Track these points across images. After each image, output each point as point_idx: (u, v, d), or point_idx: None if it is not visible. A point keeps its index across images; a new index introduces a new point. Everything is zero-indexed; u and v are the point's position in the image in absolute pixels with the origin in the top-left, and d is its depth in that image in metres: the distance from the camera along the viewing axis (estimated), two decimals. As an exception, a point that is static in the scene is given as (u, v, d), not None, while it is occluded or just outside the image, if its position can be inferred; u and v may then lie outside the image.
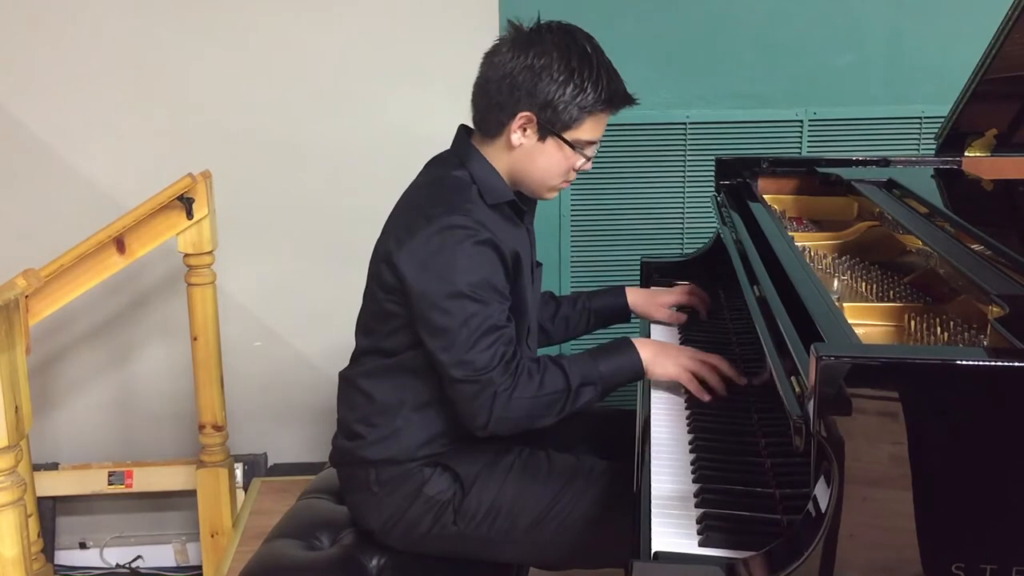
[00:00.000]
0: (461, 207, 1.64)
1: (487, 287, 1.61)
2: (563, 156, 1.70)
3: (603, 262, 2.85)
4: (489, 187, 1.70)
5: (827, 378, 1.07)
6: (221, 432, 2.63)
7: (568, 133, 1.68)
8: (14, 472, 1.75)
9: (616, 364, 1.70)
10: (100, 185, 2.74)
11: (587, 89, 1.65)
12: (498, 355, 1.59)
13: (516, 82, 1.65)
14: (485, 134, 1.73)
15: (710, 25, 2.74)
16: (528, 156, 1.70)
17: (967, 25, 2.60)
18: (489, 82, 1.69)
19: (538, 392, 1.61)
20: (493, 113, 1.69)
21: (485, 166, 1.72)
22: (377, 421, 1.73)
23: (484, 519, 1.70)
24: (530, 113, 1.66)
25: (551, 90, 1.64)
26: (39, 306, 2.20)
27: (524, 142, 1.69)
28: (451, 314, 1.59)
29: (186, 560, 2.98)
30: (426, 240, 1.61)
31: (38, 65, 2.68)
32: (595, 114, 1.69)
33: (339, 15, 2.70)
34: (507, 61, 1.66)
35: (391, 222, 1.74)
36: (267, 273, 2.84)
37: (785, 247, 1.67)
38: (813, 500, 1.12)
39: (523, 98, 1.65)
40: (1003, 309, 1.22)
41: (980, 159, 2.16)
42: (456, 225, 1.61)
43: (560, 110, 1.66)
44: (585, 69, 1.65)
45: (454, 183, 1.70)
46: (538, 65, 1.64)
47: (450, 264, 1.59)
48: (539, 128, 1.67)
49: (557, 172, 1.73)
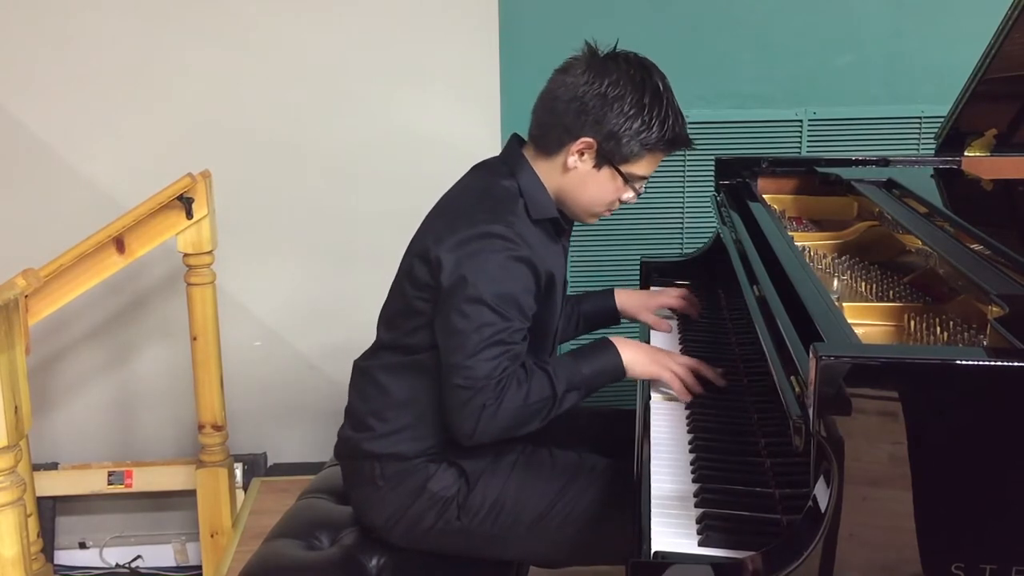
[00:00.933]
0: (505, 218, 1.64)
1: (510, 302, 1.61)
2: (614, 187, 1.71)
3: (603, 262, 2.85)
4: (536, 201, 1.70)
5: (827, 378, 1.07)
6: (221, 432, 2.63)
7: (624, 166, 1.69)
8: (14, 472, 1.75)
9: (598, 366, 1.70)
10: (100, 185, 2.74)
11: (653, 127, 1.66)
12: (499, 368, 1.59)
13: (586, 107, 1.65)
14: (541, 150, 1.72)
15: (710, 25, 2.74)
16: (580, 180, 1.70)
17: (967, 25, 2.60)
18: (557, 100, 1.68)
19: (525, 401, 1.61)
20: (556, 132, 1.69)
21: (535, 180, 1.71)
22: (388, 415, 1.73)
23: (488, 515, 1.70)
24: (593, 140, 1.66)
25: (619, 122, 1.65)
26: (39, 306, 2.20)
27: (580, 166, 1.69)
28: (468, 318, 1.59)
29: (186, 560, 2.98)
30: (465, 242, 1.61)
31: (38, 65, 2.68)
32: (654, 152, 1.70)
33: (339, 15, 2.70)
34: (580, 84, 1.66)
35: (431, 221, 1.74)
36: (267, 273, 2.84)
37: (785, 247, 1.67)
38: (813, 500, 1.12)
39: (589, 124, 1.65)
40: (1003, 309, 1.22)
41: (980, 159, 2.16)
42: (496, 234, 1.61)
43: (623, 143, 1.66)
44: (656, 107, 1.66)
45: (502, 192, 1.69)
46: (612, 95, 1.64)
47: (481, 270, 1.59)
48: (597, 156, 1.68)
49: (604, 201, 1.73)
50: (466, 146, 2.74)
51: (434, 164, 2.76)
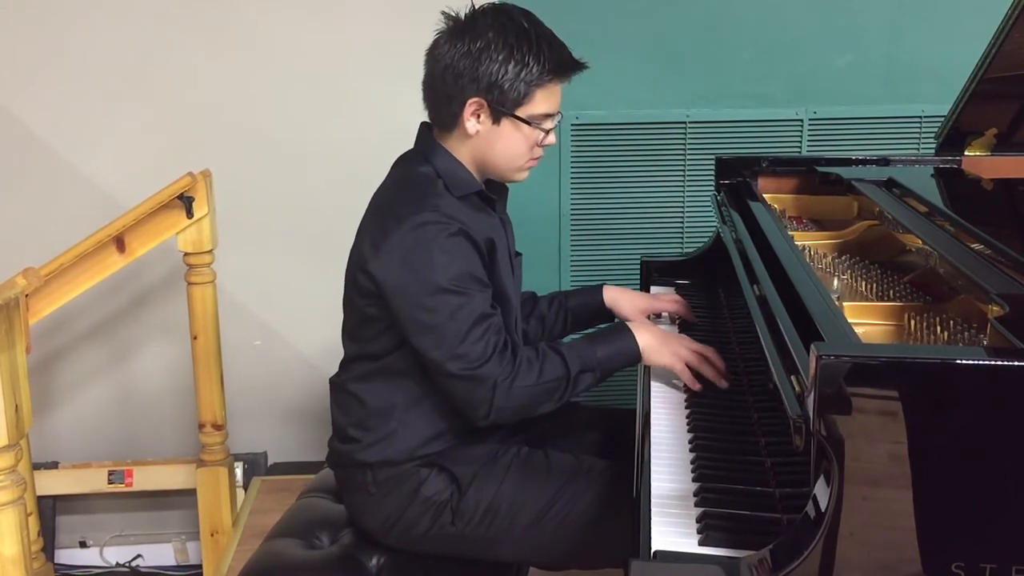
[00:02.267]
0: (429, 203, 1.64)
1: (467, 278, 1.61)
2: (522, 135, 1.69)
3: (603, 261, 2.85)
4: (455, 179, 1.69)
5: (827, 377, 1.07)
6: (221, 431, 2.63)
7: (521, 110, 1.67)
8: (14, 471, 1.75)
9: (613, 349, 1.70)
10: (100, 184, 2.75)
11: (529, 63, 1.65)
12: (491, 344, 1.60)
13: (458, 70, 1.65)
14: (443, 128, 1.73)
15: (710, 24, 2.74)
16: (487, 141, 1.69)
17: (967, 24, 2.60)
18: (434, 76, 1.69)
19: (538, 380, 1.62)
20: (444, 105, 1.69)
21: (449, 159, 1.71)
22: (371, 424, 1.73)
23: (482, 519, 1.70)
24: (478, 98, 1.66)
25: (493, 70, 1.64)
26: (39, 305, 2.20)
27: (480, 128, 1.68)
28: (436, 311, 1.59)
29: (186, 559, 2.98)
30: (399, 241, 1.61)
31: (39, 65, 2.68)
32: (544, 86, 1.67)
33: (340, 15, 2.70)
34: (446, 52, 1.66)
35: (363, 226, 1.73)
36: (267, 272, 2.84)
37: (785, 246, 1.67)
38: (813, 499, 1.12)
39: (467, 84, 1.65)
40: (1003, 308, 1.22)
41: (980, 158, 2.16)
42: (427, 221, 1.61)
43: (507, 88, 1.65)
44: (524, 44, 1.65)
45: (419, 179, 1.69)
46: (476, 49, 1.64)
47: (427, 261, 1.59)
48: (491, 111, 1.67)
49: (520, 152, 1.71)
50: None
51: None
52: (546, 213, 2.77)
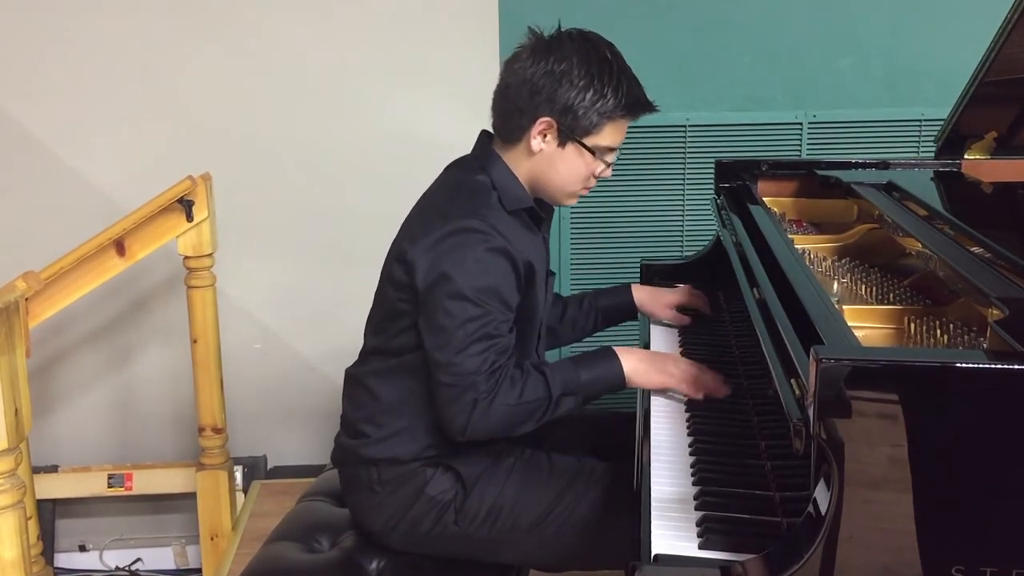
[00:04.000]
0: (478, 211, 1.64)
1: (492, 294, 1.61)
2: (583, 162, 1.71)
3: (603, 264, 2.85)
4: (509, 193, 1.70)
5: (827, 380, 1.07)
6: (221, 434, 2.63)
7: (588, 139, 1.69)
8: (14, 474, 1.75)
9: (597, 374, 1.69)
10: (100, 187, 2.75)
11: (607, 95, 1.66)
12: (487, 363, 1.59)
13: (536, 87, 1.65)
14: (506, 140, 1.73)
15: (710, 28, 2.74)
16: (548, 162, 1.70)
17: (966, 28, 2.60)
18: (509, 88, 1.69)
19: (519, 400, 1.61)
20: (514, 119, 1.69)
21: (506, 172, 1.72)
22: (382, 421, 1.73)
23: (485, 520, 1.70)
24: (550, 119, 1.66)
25: (571, 96, 1.65)
26: (39, 308, 2.20)
27: (544, 148, 1.69)
28: (452, 315, 1.59)
29: (186, 563, 2.98)
30: (440, 239, 1.62)
31: (39, 67, 2.68)
32: (615, 120, 1.69)
33: (339, 17, 2.70)
34: (527, 67, 1.66)
35: (408, 222, 1.74)
36: (267, 275, 2.84)
37: (785, 250, 1.67)
38: (813, 503, 1.12)
39: (543, 103, 1.66)
40: (1003, 312, 1.22)
41: (980, 162, 2.16)
42: (471, 228, 1.61)
43: (580, 116, 1.66)
44: (605, 75, 1.66)
45: (474, 187, 1.70)
46: (558, 71, 1.64)
47: (459, 265, 1.60)
48: (559, 134, 1.68)
49: (577, 178, 1.73)
50: (466, 148, 2.70)
51: (434, 166, 2.74)
52: (546, 216, 2.78)
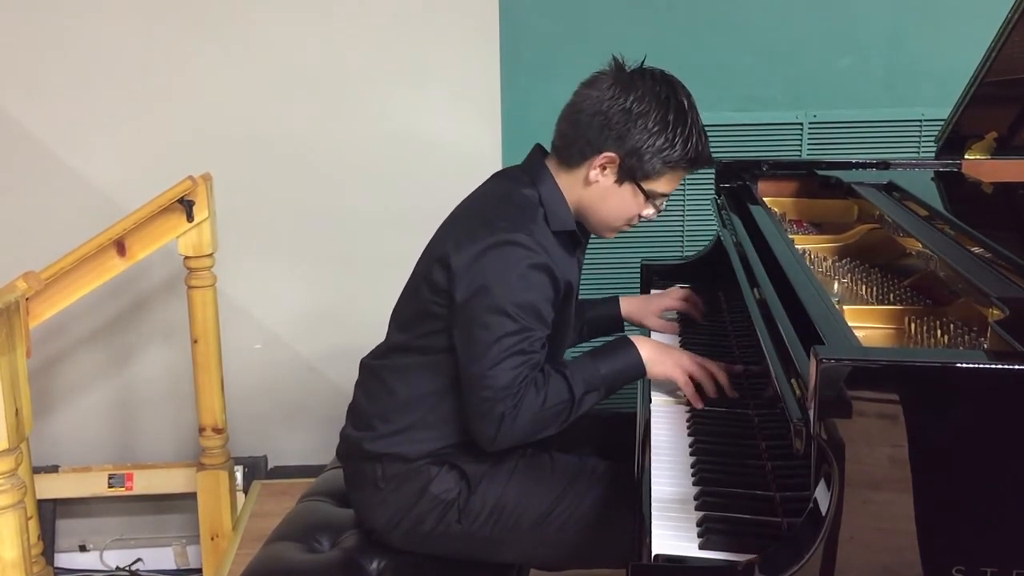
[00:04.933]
0: (526, 226, 1.64)
1: (531, 311, 1.61)
2: (635, 203, 1.71)
3: (603, 265, 2.85)
4: (556, 213, 1.70)
5: (827, 381, 1.07)
6: (221, 435, 2.63)
7: (646, 183, 1.69)
8: (14, 474, 1.75)
9: (617, 365, 1.70)
10: (100, 187, 2.75)
11: (676, 145, 1.66)
12: (520, 378, 1.59)
13: (610, 122, 1.65)
14: (563, 162, 1.72)
15: (710, 28, 2.74)
16: (601, 195, 1.71)
17: (967, 28, 2.60)
18: (582, 113, 1.68)
19: (543, 406, 1.61)
20: (579, 145, 1.69)
21: (555, 191, 1.71)
22: (393, 416, 1.73)
23: (488, 519, 1.70)
24: (616, 155, 1.66)
25: (642, 139, 1.65)
26: (39, 308, 2.20)
27: (601, 181, 1.69)
28: (489, 328, 1.59)
29: (186, 563, 2.98)
30: (484, 251, 1.61)
31: (39, 67, 2.68)
32: (676, 170, 1.70)
33: (340, 17, 2.70)
34: (605, 98, 1.66)
35: (450, 225, 1.74)
36: (267, 276, 2.84)
37: (785, 250, 1.67)
38: (813, 503, 1.12)
39: (612, 139, 1.66)
40: (1003, 312, 1.22)
41: (980, 162, 2.16)
42: (517, 243, 1.61)
43: (646, 160, 1.66)
44: (680, 125, 1.66)
45: (523, 200, 1.69)
46: (636, 111, 1.64)
47: (502, 280, 1.59)
48: (620, 171, 1.68)
49: (624, 216, 1.74)
50: (467, 148, 2.74)
51: (435, 166, 2.77)
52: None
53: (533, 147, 1.79)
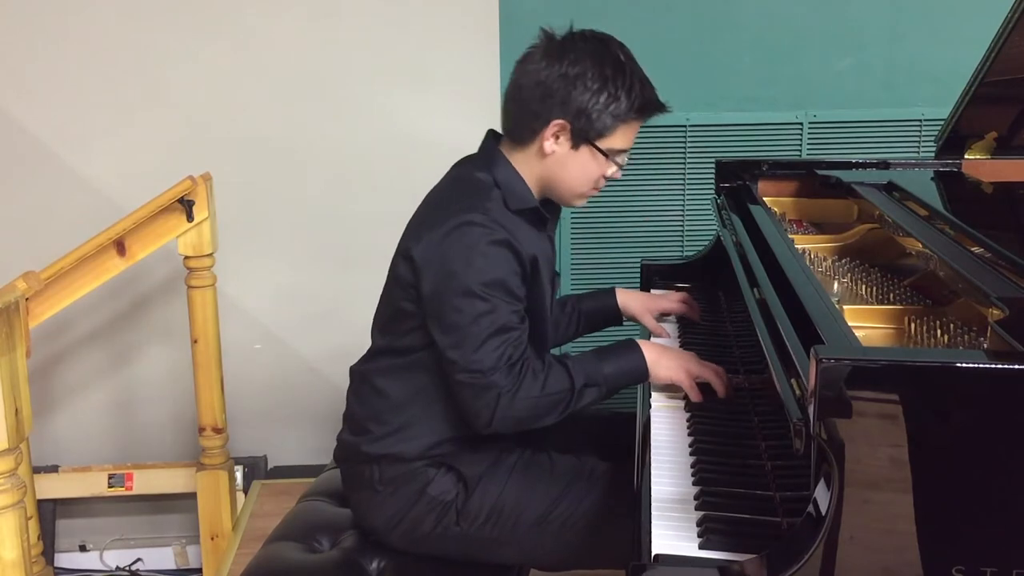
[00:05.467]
0: (480, 205, 1.64)
1: (499, 287, 1.61)
2: (596, 164, 1.71)
3: (603, 264, 2.85)
4: (513, 193, 1.70)
5: (827, 381, 1.07)
6: (221, 435, 2.63)
7: (601, 141, 1.69)
8: (14, 474, 1.75)
9: (620, 366, 1.70)
10: (100, 187, 2.75)
11: (620, 98, 1.66)
12: (504, 357, 1.60)
13: (550, 90, 1.65)
14: (517, 141, 1.72)
15: (710, 28, 2.74)
16: (560, 164, 1.70)
17: (967, 28, 2.60)
18: (522, 89, 1.69)
19: (542, 392, 1.62)
20: (526, 120, 1.69)
21: (510, 172, 1.71)
22: (387, 418, 1.73)
23: (487, 520, 1.70)
24: (564, 121, 1.66)
25: (585, 98, 1.65)
26: (39, 309, 2.20)
27: (557, 150, 1.69)
28: (462, 312, 1.59)
29: (186, 563, 2.98)
30: (443, 236, 1.62)
31: (38, 67, 2.68)
32: (628, 122, 1.69)
33: (339, 17, 2.71)
34: (541, 69, 1.66)
35: (412, 220, 1.74)
36: (267, 275, 2.84)
37: (785, 250, 1.67)
38: (813, 503, 1.12)
39: (556, 106, 1.65)
40: (1003, 312, 1.22)
41: (980, 162, 2.16)
42: (473, 223, 1.61)
43: (594, 118, 1.66)
44: (619, 77, 1.66)
45: (475, 182, 1.70)
46: (572, 73, 1.64)
47: (464, 261, 1.60)
48: (572, 136, 1.68)
49: (588, 180, 1.73)
50: (466, 148, 2.70)
51: (434, 166, 2.74)
52: (546, 216, 2.78)
53: (487, 132, 1.79)
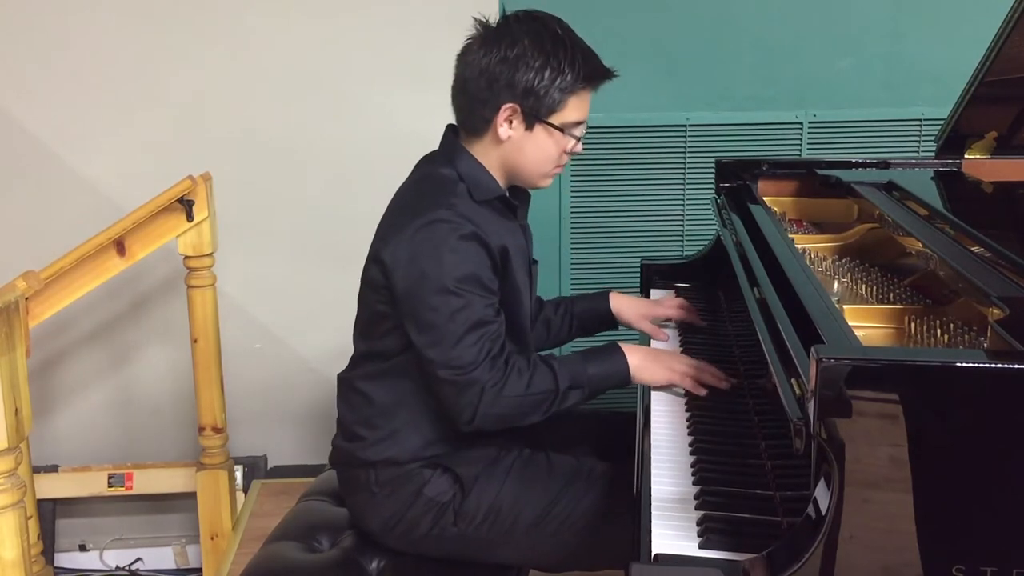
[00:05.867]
0: (446, 201, 1.64)
1: (472, 281, 1.61)
2: (553, 141, 1.70)
3: (603, 264, 2.85)
4: (477, 184, 1.70)
5: (827, 380, 1.07)
6: (221, 434, 2.63)
7: (554, 117, 1.68)
8: (14, 474, 1.75)
9: (604, 369, 1.70)
10: (100, 187, 2.75)
11: (564, 70, 1.65)
12: (484, 351, 1.60)
13: (493, 76, 1.65)
14: (471, 132, 1.72)
15: (710, 28, 2.74)
16: (518, 147, 1.70)
17: (967, 27, 2.60)
18: (467, 81, 1.69)
19: (526, 391, 1.62)
20: (476, 111, 1.69)
21: (472, 163, 1.71)
22: (377, 423, 1.73)
23: (484, 520, 1.70)
24: (513, 104, 1.66)
25: (529, 77, 1.64)
26: (39, 308, 2.20)
27: (512, 134, 1.69)
28: (438, 310, 1.59)
29: (186, 562, 2.98)
30: (411, 236, 1.62)
31: (38, 67, 2.68)
32: (577, 93, 1.68)
33: (339, 17, 2.70)
34: (480, 57, 1.67)
35: (381, 223, 1.74)
36: (267, 275, 2.84)
37: (785, 249, 1.67)
38: (813, 502, 1.12)
39: (503, 90, 1.65)
40: (1003, 311, 1.22)
41: (980, 161, 2.16)
42: (440, 219, 1.61)
43: (542, 96, 1.65)
44: (560, 51, 1.65)
45: (440, 180, 1.70)
46: (512, 55, 1.64)
47: (435, 259, 1.60)
48: (524, 117, 1.67)
49: (549, 158, 1.72)
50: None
51: (434, 166, 2.77)
52: (546, 216, 2.77)
53: (445, 128, 1.79)
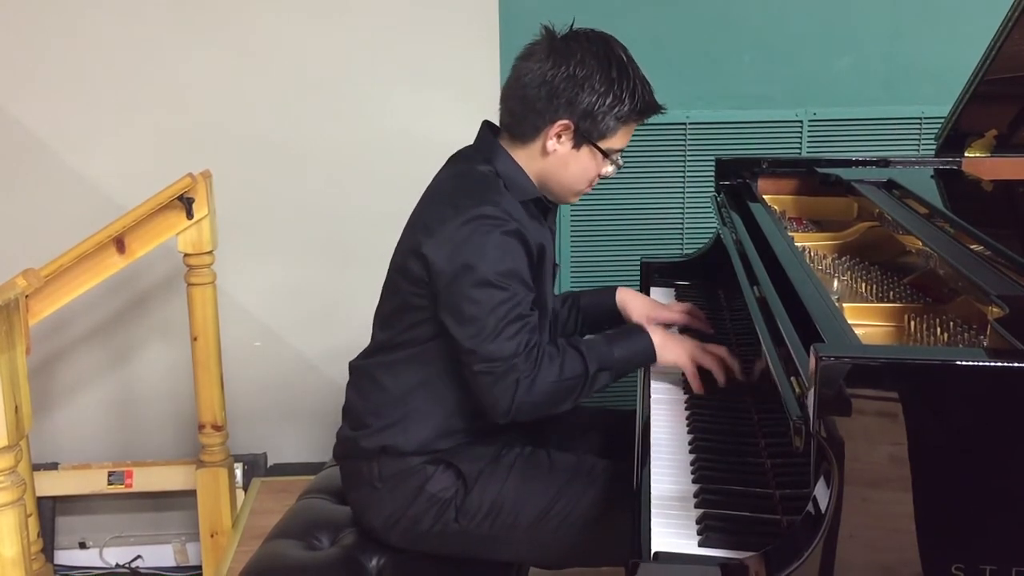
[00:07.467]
0: (490, 198, 1.65)
1: (513, 276, 1.62)
2: (595, 164, 1.73)
3: (603, 262, 2.85)
4: (516, 184, 1.71)
5: (827, 378, 1.07)
6: (221, 432, 2.63)
7: (603, 142, 1.71)
8: (14, 472, 1.75)
9: (630, 349, 1.72)
10: (100, 185, 2.75)
11: (624, 100, 1.68)
12: (523, 343, 1.61)
13: (556, 90, 1.66)
14: (517, 137, 1.73)
15: (710, 26, 2.74)
16: (561, 162, 1.72)
17: (967, 26, 2.60)
18: (527, 87, 1.69)
19: (559, 377, 1.64)
20: (529, 118, 1.70)
21: (510, 164, 1.72)
22: (386, 411, 1.74)
23: (486, 517, 1.70)
24: (568, 121, 1.67)
25: (592, 100, 1.66)
26: (39, 306, 2.20)
27: (559, 149, 1.70)
28: (480, 303, 1.60)
29: (186, 560, 2.98)
30: (455, 230, 1.62)
31: (38, 65, 2.68)
32: (628, 124, 1.72)
33: (339, 16, 2.70)
34: (546, 68, 1.67)
35: (418, 214, 1.74)
36: (267, 273, 2.84)
37: (785, 248, 1.67)
38: (813, 501, 1.12)
39: (562, 106, 1.67)
40: (1003, 310, 1.22)
41: (980, 160, 2.16)
42: (485, 215, 1.62)
43: (598, 120, 1.68)
44: (624, 80, 1.67)
45: (480, 176, 1.71)
46: (580, 75, 1.66)
47: (479, 253, 1.60)
48: (575, 136, 1.69)
49: (586, 178, 1.75)
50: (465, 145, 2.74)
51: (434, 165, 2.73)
52: (546, 214, 2.78)
53: (481, 124, 1.79)
